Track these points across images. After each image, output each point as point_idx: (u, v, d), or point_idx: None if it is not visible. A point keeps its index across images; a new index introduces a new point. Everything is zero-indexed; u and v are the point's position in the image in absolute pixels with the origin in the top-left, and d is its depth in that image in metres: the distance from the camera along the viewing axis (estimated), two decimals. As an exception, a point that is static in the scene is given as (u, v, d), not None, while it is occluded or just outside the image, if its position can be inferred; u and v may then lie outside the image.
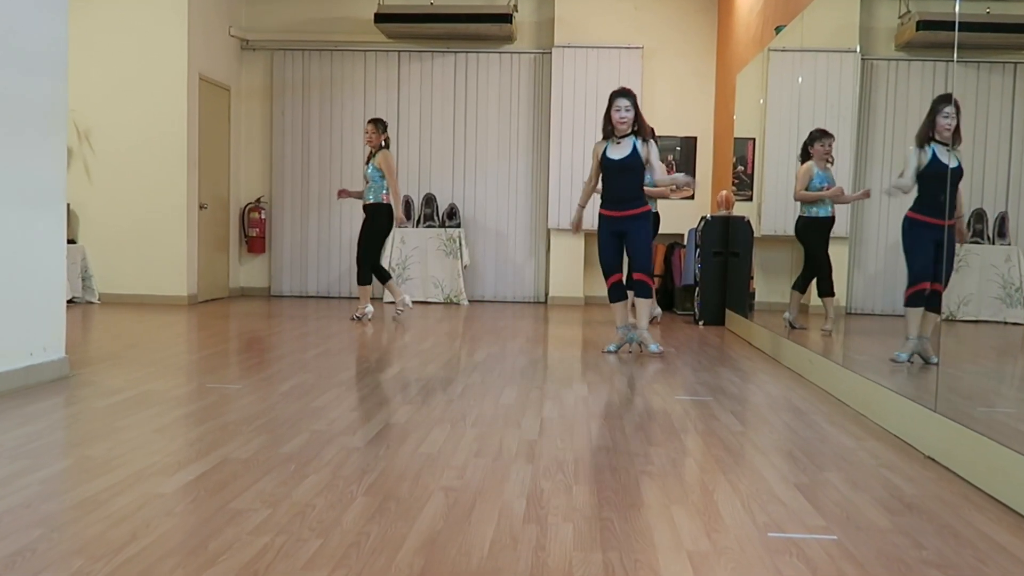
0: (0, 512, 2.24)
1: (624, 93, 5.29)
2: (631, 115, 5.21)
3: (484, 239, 9.29)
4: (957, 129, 3.60)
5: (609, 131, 5.28)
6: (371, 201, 6.89)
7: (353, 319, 7.03)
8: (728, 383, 4.52)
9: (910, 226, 3.98)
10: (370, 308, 7.06)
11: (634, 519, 2.30)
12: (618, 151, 5.25)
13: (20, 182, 3.98)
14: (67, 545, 2.02)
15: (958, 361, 3.37)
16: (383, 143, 6.96)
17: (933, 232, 3.73)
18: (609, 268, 5.44)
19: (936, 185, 3.72)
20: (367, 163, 6.96)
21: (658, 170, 5.51)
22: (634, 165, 5.23)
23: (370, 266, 7.02)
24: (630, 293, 5.49)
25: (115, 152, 8.20)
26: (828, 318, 5.19)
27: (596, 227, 5.46)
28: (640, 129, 5.25)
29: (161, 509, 2.29)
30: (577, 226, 5.81)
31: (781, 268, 6.06)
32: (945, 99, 3.68)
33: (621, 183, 5.29)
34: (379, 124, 6.97)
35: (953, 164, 3.60)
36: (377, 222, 6.92)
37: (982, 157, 3.35)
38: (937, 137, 3.69)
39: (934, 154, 3.74)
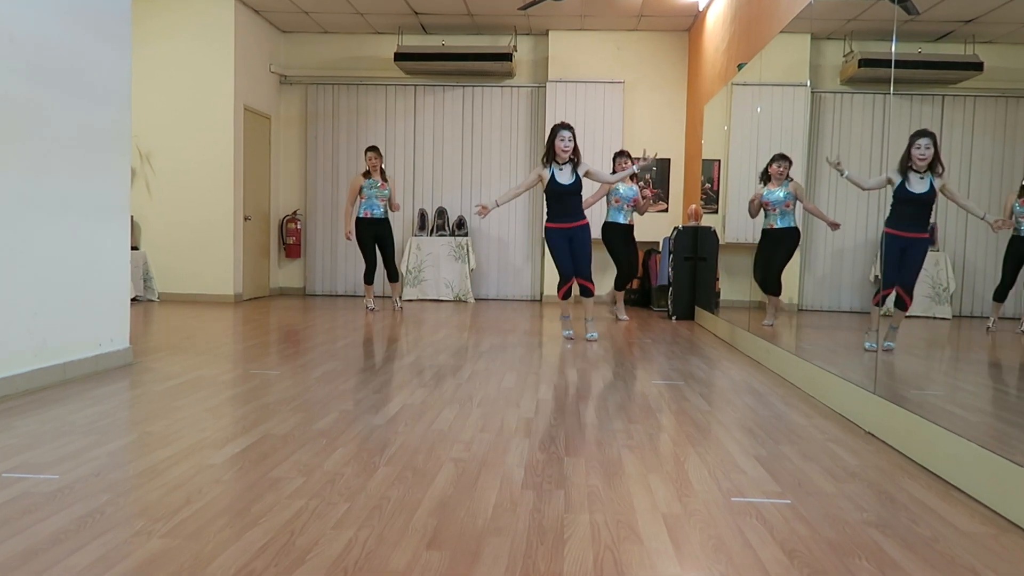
0: (73, 480, 2.24)
1: (568, 126, 5.35)
2: (572, 144, 5.31)
3: (488, 246, 9.27)
4: (935, 159, 3.50)
5: (551, 158, 5.34)
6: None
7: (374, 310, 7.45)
8: (697, 369, 4.51)
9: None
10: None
11: (616, 486, 2.30)
12: (564, 176, 5.35)
13: (90, 197, 3.98)
14: (130, 508, 2.02)
15: (893, 350, 3.36)
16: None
17: (898, 243, 3.69)
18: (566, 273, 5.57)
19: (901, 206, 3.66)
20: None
21: (603, 174, 5.72)
22: (578, 188, 5.41)
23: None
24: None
25: (172, 171, 8.20)
26: (769, 313, 5.15)
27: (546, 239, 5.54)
28: (576, 155, 5.36)
29: (211, 477, 2.29)
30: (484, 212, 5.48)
31: (742, 270, 6.04)
32: (920, 133, 3.62)
33: (570, 203, 5.39)
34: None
35: (921, 190, 3.53)
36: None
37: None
38: (912, 166, 3.63)
39: (902, 181, 3.69)
